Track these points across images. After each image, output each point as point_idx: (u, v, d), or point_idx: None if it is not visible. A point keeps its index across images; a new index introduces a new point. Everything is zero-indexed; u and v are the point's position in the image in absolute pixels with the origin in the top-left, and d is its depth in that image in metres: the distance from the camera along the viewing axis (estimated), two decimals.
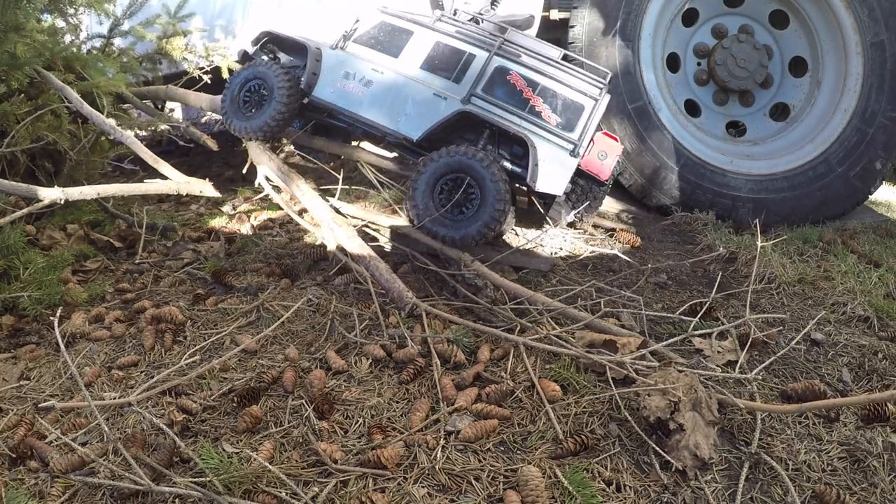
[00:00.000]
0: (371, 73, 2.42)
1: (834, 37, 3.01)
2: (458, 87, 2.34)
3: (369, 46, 2.46)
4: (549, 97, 2.29)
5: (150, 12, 3.78)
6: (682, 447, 1.44)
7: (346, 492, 1.37)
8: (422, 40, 2.40)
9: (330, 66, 2.47)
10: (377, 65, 2.41)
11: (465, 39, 2.38)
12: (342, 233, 2.26)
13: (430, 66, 2.38)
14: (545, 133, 2.27)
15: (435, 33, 2.40)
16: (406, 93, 2.37)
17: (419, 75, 2.38)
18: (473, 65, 2.34)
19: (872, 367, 1.86)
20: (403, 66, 2.39)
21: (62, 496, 1.37)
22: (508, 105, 2.30)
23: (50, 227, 2.73)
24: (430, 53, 2.38)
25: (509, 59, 2.32)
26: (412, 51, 2.40)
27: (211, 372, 1.79)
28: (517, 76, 2.31)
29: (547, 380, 1.71)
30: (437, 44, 2.39)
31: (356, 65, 2.44)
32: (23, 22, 2.78)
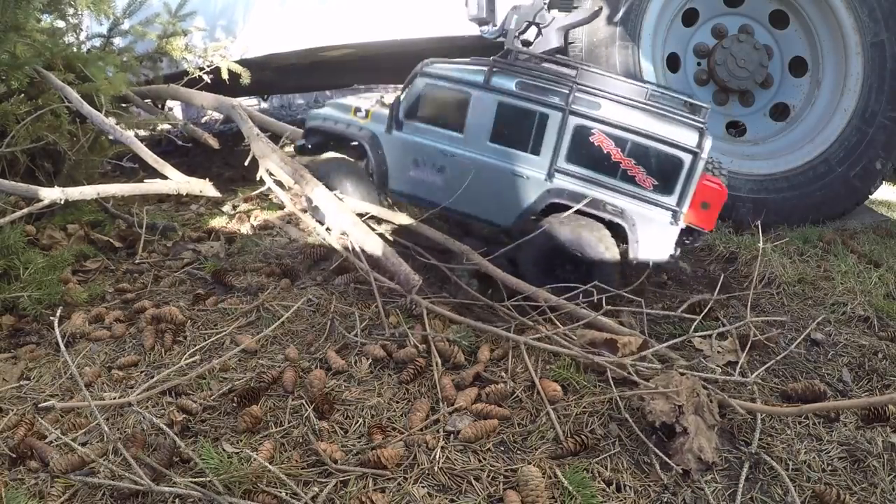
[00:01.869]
0: (440, 158, 2.11)
1: (834, 37, 3.01)
2: (539, 160, 2.01)
3: (426, 122, 2.14)
4: (641, 156, 1.92)
5: (149, 11, 3.78)
6: (686, 450, 1.44)
7: (346, 492, 1.37)
8: (482, 106, 2.03)
9: (395, 156, 2.19)
10: (443, 145, 2.10)
11: (531, 97, 1.99)
12: (346, 220, 2.25)
13: (500, 139, 2.04)
14: (641, 203, 1.96)
15: (494, 94, 2.01)
16: (484, 175, 2.07)
17: (491, 152, 2.06)
18: (548, 129, 1.97)
19: (872, 367, 1.86)
20: (471, 143, 2.07)
21: (62, 496, 1.37)
22: (597, 174, 1.97)
23: (50, 227, 2.73)
24: (496, 122, 2.03)
25: (588, 116, 1.94)
26: (475, 121, 2.05)
27: (211, 372, 1.79)
28: (601, 136, 1.94)
29: (548, 380, 1.71)
30: (501, 106, 2.01)
31: (422, 149, 2.14)
32: (22, 22, 2.78)
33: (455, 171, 2.10)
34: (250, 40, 3.85)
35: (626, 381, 1.69)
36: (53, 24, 3.50)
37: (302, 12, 3.68)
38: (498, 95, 2.01)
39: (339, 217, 2.27)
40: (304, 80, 5.46)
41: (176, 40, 3.74)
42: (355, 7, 3.56)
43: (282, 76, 4.86)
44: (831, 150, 3.04)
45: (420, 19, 3.49)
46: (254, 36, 3.85)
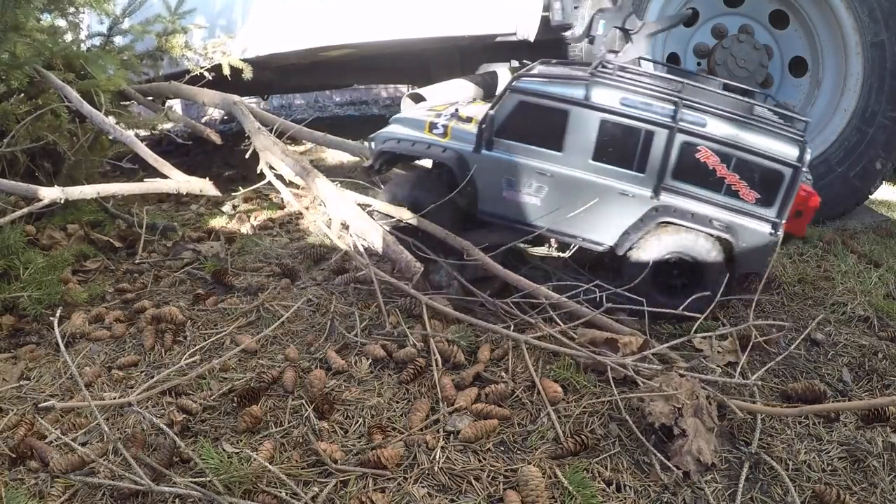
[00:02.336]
0: (538, 178, 2.00)
1: (834, 37, 3.01)
2: (644, 178, 1.94)
3: (520, 140, 2.00)
4: (745, 170, 1.90)
5: (149, 11, 3.78)
6: (685, 452, 1.44)
7: (346, 492, 1.37)
8: (583, 123, 1.93)
9: (486, 176, 2.06)
10: (541, 165, 1.99)
11: (636, 114, 1.90)
12: (347, 208, 2.24)
13: (604, 157, 1.94)
14: (745, 217, 1.94)
15: (596, 112, 1.91)
16: (586, 195, 1.98)
17: (595, 171, 1.96)
18: (654, 146, 1.90)
19: (872, 367, 1.86)
20: (572, 162, 1.96)
21: (62, 496, 1.37)
22: (702, 191, 1.93)
23: (50, 227, 2.73)
24: (598, 139, 1.93)
25: (695, 133, 1.88)
26: (576, 139, 1.94)
27: (211, 372, 1.79)
28: (707, 151, 1.89)
29: (548, 380, 1.71)
30: (604, 124, 1.91)
31: (516, 169, 2.01)
32: (22, 21, 2.78)
33: (554, 192, 2.00)
34: (250, 40, 3.84)
35: (627, 381, 1.69)
36: (53, 22, 3.50)
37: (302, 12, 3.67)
38: (600, 112, 1.91)
39: (341, 206, 2.26)
40: (304, 80, 5.46)
41: (176, 38, 3.73)
42: (355, 7, 3.56)
43: (282, 76, 4.86)
44: (831, 150, 3.04)
45: (420, 19, 3.49)
46: (253, 35, 3.85)
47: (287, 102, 9.33)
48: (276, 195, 3.33)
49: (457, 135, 2.11)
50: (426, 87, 3.54)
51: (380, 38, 3.59)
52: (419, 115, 2.27)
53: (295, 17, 3.69)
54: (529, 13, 3.37)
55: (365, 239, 2.17)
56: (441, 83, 3.72)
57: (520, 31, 3.44)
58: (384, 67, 5.31)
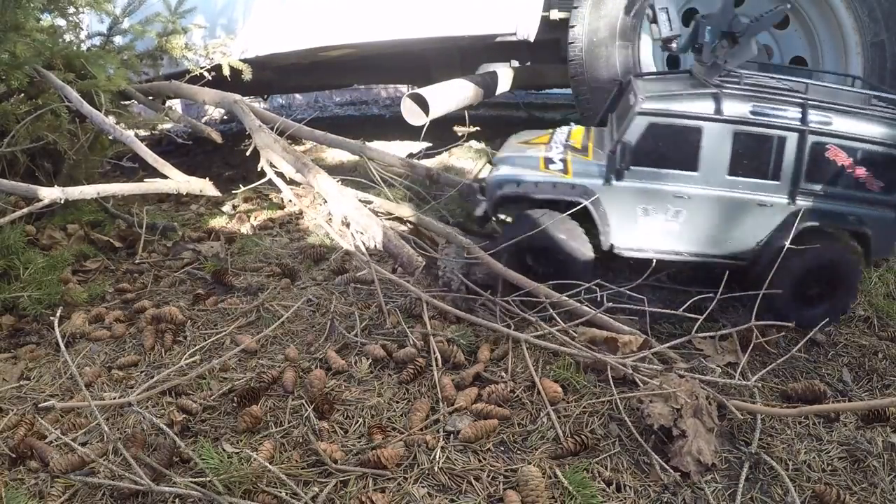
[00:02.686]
0: (675, 202, 1.93)
1: (834, 37, 3.01)
2: (780, 185, 1.90)
3: (653, 164, 1.93)
4: (869, 162, 1.90)
5: (149, 10, 3.78)
6: (685, 453, 1.44)
7: (346, 492, 1.37)
8: (717, 138, 1.88)
9: (619, 209, 1.97)
10: (677, 188, 1.92)
11: (768, 121, 1.86)
12: (348, 203, 2.24)
13: (739, 170, 1.90)
14: (873, 207, 1.94)
15: (728, 124, 1.87)
16: (726, 212, 1.93)
17: (732, 185, 1.92)
18: (787, 151, 1.87)
19: (872, 367, 1.86)
20: (708, 180, 1.91)
21: (62, 496, 1.37)
22: (834, 189, 1.92)
23: (50, 227, 2.73)
24: (733, 153, 1.88)
25: (823, 133, 1.86)
26: (711, 155, 1.89)
27: (211, 372, 1.79)
28: (835, 149, 1.88)
29: (548, 380, 1.70)
30: (737, 136, 1.87)
31: (652, 196, 1.94)
32: (22, 21, 2.78)
33: (693, 214, 1.94)
34: (250, 39, 3.85)
35: (626, 381, 1.69)
36: (53, 22, 3.50)
37: (302, 12, 3.67)
38: (732, 124, 1.87)
39: (341, 202, 2.26)
40: (304, 80, 5.46)
41: (175, 38, 3.73)
42: (355, 7, 3.56)
43: (282, 76, 4.86)
44: None
45: (420, 19, 3.49)
46: (254, 35, 3.85)
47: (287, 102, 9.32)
48: (276, 195, 3.33)
49: (579, 169, 2.03)
50: (426, 87, 3.54)
51: (380, 38, 3.59)
52: (526, 152, 2.19)
53: (295, 17, 3.69)
54: (529, 13, 3.37)
55: (365, 234, 2.16)
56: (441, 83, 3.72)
57: (520, 31, 3.44)
58: (384, 67, 5.30)
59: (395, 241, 2.07)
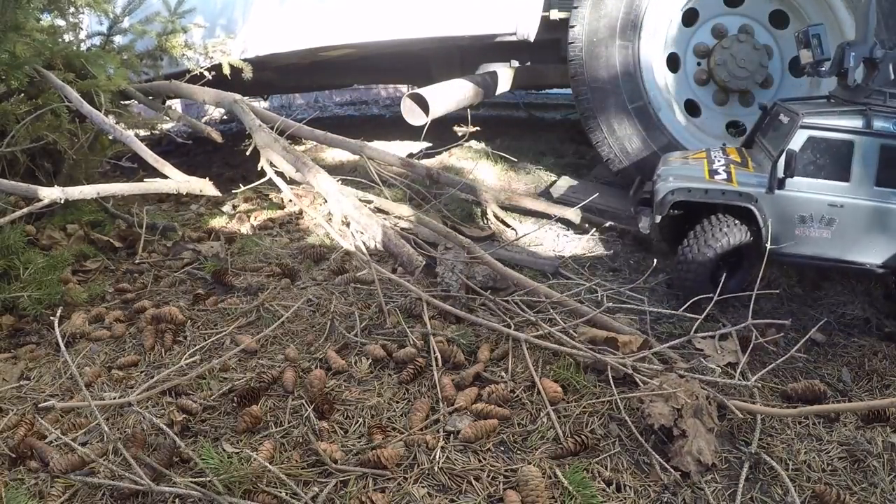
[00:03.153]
0: (830, 211, 2.07)
1: (834, 37, 3.01)
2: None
3: (812, 176, 2.08)
4: None
5: (149, 10, 3.78)
6: (686, 453, 1.44)
7: (346, 492, 1.37)
8: (866, 151, 2.04)
9: (780, 215, 2.11)
10: (832, 197, 2.06)
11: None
12: (348, 203, 2.24)
13: (885, 181, 2.04)
14: None
15: (877, 138, 2.03)
16: (873, 221, 2.06)
17: (878, 195, 2.05)
18: None
19: (872, 368, 1.86)
20: (859, 191, 2.05)
21: (62, 496, 1.37)
22: None
23: (50, 227, 2.73)
24: (879, 164, 2.04)
25: None
26: (861, 168, 2.05)
27: (211, 372, 1.79)
28: None
29: (548, 380, 1.71)
30: (884, 150, 2.03)
31: (809, 205, 2.08)
32: (22, 21, 2.78)
33: (845, 222, 2.07)
34: (250, 39, 3.85)
35: (627, 380, 1.69)
36: (53, 22, 3.50)
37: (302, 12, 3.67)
38: (880, 139, 2.02)
39: (341, 201, 2.26)
40: (304, 80, 5.46)
41: (175, 38, 3.73)
42: (355, 7, 3.56)
43: (282, 76, 4.86)
44: None
45: (420, 19, 3.49)
46: (254, 35, 3.85)
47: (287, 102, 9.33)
48: (276, 195, 3.33)
49: (742, 179, 2.15)
50: (426, 87, 3.54)
51: (380, 38, 3.59)
52: (689, 164, 2.36)
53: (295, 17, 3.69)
54: (529, 13, 3.38)
55: (365, 233, 2.16)
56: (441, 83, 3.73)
57: (520, 31, 3.44)
58: (384, 67, 5.30)
59: (395, 241, 2.07)
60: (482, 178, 3.64)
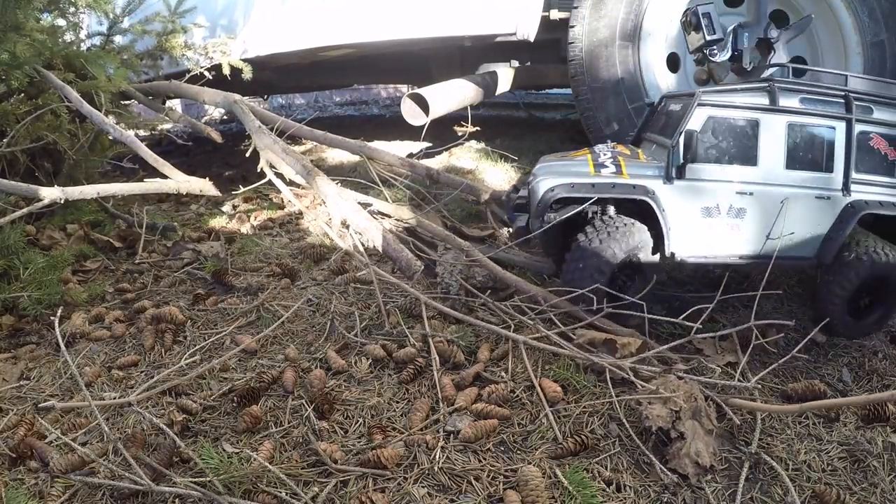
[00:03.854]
0: (738, 199, 1.85)
1: (834, 37, 3.01)
2: (833, 178, 1.88)
3: (715, 161, 1.86)
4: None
5: (149, 10, 3.78)
6: (684, 455, 1.44)
7: (346, 492, 1.37)
8: (773, 130, 1.86)
9: (679, 211, 1.85)
10: (740, 183, 1.85)
11: (817, 111, 1.87)
12: (347, 206, 2.24)
13: (796, 163, 1.87)
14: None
15: (783, 115, 1.85)
16: (787, 208, 1.87)
17: (790, 179, 1.87)
18: (837, 142, 1.88)
19: (872, 368, 1.86)
20: (768, 175, 1.86)
21: (62, 496, 1.37)
22: (881, 177, 1.92)
23: (50, 227, 2.73)
24: (789, 145, 1.86)
25: (866, 121, 1.89)
26: (769, 148, 1.86)
27: (211, 372, 1.79)
28: (878, 137, 1.91)
29: (548, 380, 1.70)
30: (791, 128, 1.86)
31: (714, 194, 1.85)
32: (22, 21, 2.78)
33: (757, 212, 1.86)
34: (251, 39, 3.85)
35: (626, 381, 1.69)
36: (53, 22, 3.50)
37: (302, 12, 3.67)
38: (786, 115, 1.85)
39: (341, 205, 2.26)
40: (304, 80, 5.46)
41: (175, 38, 3.74)
42: (355, 7, 3.56)
43: (282, 76, 4.87)
44: None
45: (420, 19, 3.49)
46: (254, 35, 3.85)
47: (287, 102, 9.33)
48: (276, 195, 3.33)
49: (634, 171, 1.91)
50: (426, 87, 3.54)
51: (380, 38, 3.60)
52: (570, 160, 2.09)
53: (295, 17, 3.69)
54: (529, 13, 3.38)
55: (365, 236, 2.17)
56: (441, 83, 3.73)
57: (520, 31, 3.44)
58: (384, 67, 5.31)
59: (395, 245, 2.07)
60: (483, 177, 3.64)
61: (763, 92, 1.87)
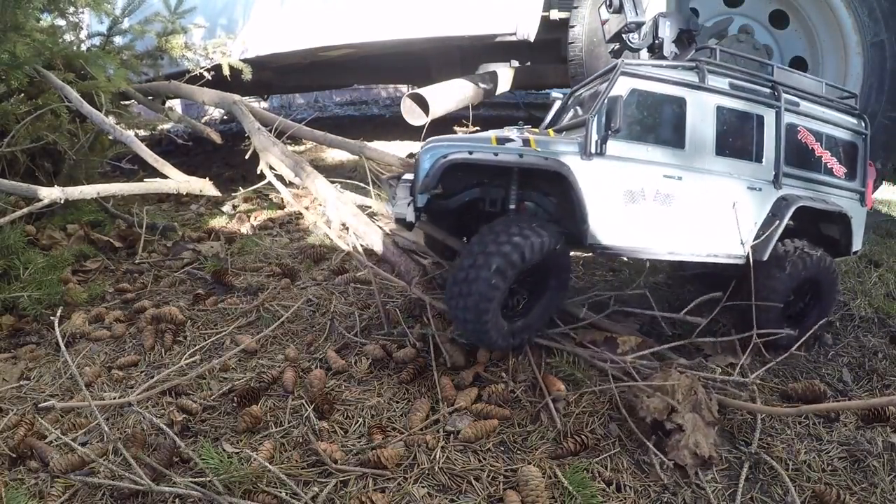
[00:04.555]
0: (666, 184, 1.65)
1: (834, 37, 3.01)
2: (763, 168, 1.76)
3: (639, 139, 1.65)
4: (832, 147, 1.87)
5: (149, 10, 3.78)
6: (682, 447, 1.44)
7: (346, 492, 1.37)
8: (701, 111, 1.69)
9: (599, 192, 1.60)
10: (667, 166, 1.65)
11: (747, 97, 1.76)
12: (347, 210, 2.24)
13: (725, 149, 1.72)
14: (843, 192, 1.90)
15: (712, 95, 1.71)
16: (719, 198, 1.71)
17: (720, 166, 1.71)
18: (766, 130, 1.76)
19: (872, 368, 1.86)
20: (697, 159, 1.68)
21: (62, 496, 1.37)
22: (810, 172, 1.84)
23: (50, 227, 2.73)
24: (718, 130, 1.71)
25: (795, 113, 1.82)
26: (697, 131, 1.69)
27: (211, 372, 1.79)
28: (805, 131, 1.82)
29: (551, 376, 1.70)
30: (720, 111, 1.71)
31: (638, 176, 1.63)
32: (22, 21, 2.78)
33: (686, 200, 1.66)
34: (250, 40, 3.85)
35: (626, 378, 1.69)
36: (53, 22, 3.50)
37: (302, 12, 3.67)
38: (716, 97, 1.70)
39: (339, 208, 2.26)
40: (304, 80, 5.46)
41: (175, 38, 3.74)
42: (355, 7, 3.56)
43: (282, 76, 4.87)
44: None
45: (420, 19, 3.49)
46: (254, 35, 3.85)
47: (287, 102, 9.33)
48: (276, 195, 3.33)
49: (545, 146, 1.62)
50: (426, 87, 3.54)
51: (380, 38, 3.60)
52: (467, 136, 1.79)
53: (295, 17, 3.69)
54: (529, 13, 3.38)
55: (364, 241, 2.17)
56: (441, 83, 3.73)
57: (520, 31, 3.44)
58: (384, 67, 5.31)
59: (393, 250, 2.07)
60: None
61: (691, 70, 1.72)
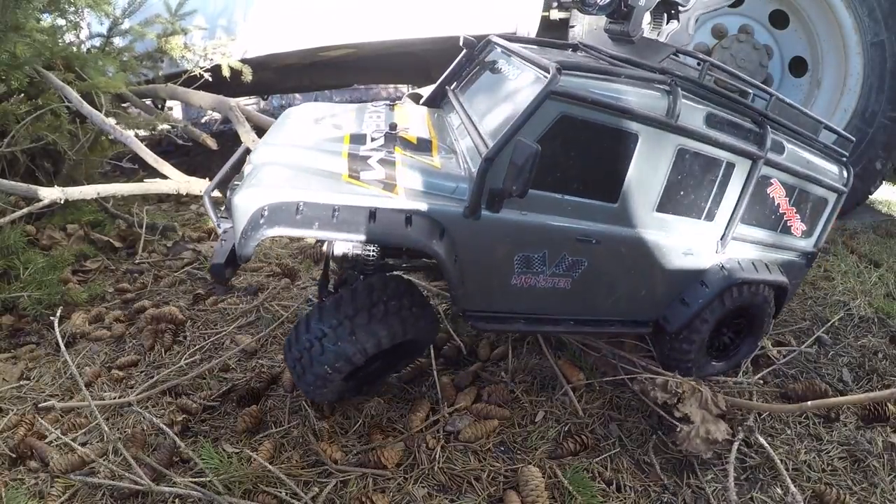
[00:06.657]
0: (576, 249, 1.31)
1: (834, 37, 3.01)
2: (711, 227, 1.46)
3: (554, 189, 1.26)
4: (801, 202, 1.59)
5: (149, 11, 3.78)
6: (694, 436, 1.43)
7: (346, 492, 1.37)
8: (655, 155, 1.30)
9: (484, 257, 1.27)
10: (585, 225, 1.30)
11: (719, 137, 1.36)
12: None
13: (672, 206, 1.38)
14: (791, 254, 1.67)
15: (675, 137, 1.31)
16: (639, 262, 1.40)
17: (658, 226, 1.38)
18: (731, 185, 1.42)
19: (872, 367, 1.86)
20: (629, 216, 1.33)
21: (62, 496, 1.37)
22: (764, 232, 1.57)
23: (50, 227, 2.73)
24: (670, 181, 1.34)
25: (774, 163, 1.48)
26: (641, 183, 1.31)
27: (211, 372, 1.79)
28: (777, 184, 1.51)
29: (570, 365, 1.71)
30: (682, 156, 1.33)
31: (543, 237, 1.28)
32: (22, 21, 2.78)
33: (598, 265, 1.35)
34: (250, 40, 3.85)
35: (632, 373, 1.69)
36: (53, 23, 3.50)
37: (302, 12, 3.67)
38: (680, 137, 1.30)
39: None
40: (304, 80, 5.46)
41: (175, 39, 3.73)
42: (355, 7, 3.56)
43: (282, 76, 4.86)
44: None
45: (420, 19, 3.49)
46: (254, 36, 3.85)
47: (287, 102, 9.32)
48: None
49: (417, 183, 1.21)
50: (426, 88, 3.54)
51: (380, 38, 3.60)
52: (315, 147, 1.27)
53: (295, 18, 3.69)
54: (529, 13, 3.38)
55: None
56: None
57: (519, 31, 3.44)
58: (384, 67, 5.31)
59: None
60: None
61: (659, 91, 1.29)
